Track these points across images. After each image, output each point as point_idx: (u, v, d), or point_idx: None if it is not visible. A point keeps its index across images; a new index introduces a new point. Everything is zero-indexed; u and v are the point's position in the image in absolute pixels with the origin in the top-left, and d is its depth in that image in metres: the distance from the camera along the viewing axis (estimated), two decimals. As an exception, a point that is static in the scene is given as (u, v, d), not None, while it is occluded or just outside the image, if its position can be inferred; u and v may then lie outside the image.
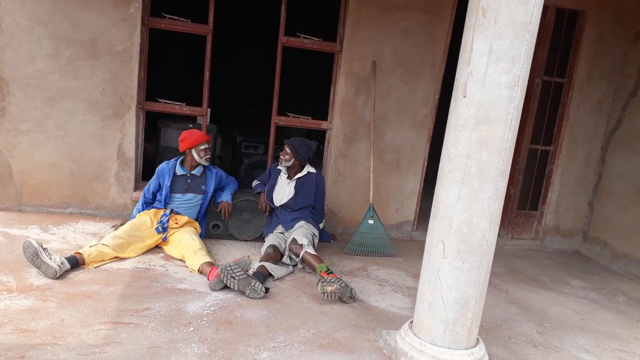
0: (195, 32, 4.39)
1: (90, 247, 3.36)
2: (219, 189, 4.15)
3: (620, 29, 4.92)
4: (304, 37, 4.52)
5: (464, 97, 2.35)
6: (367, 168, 4.64)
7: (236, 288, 3.11)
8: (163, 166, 3.97)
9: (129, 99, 4.23)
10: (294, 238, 3.72)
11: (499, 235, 3.50)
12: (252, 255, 3.90)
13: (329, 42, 4.58)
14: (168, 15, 4.29)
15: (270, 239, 3.85)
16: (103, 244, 3.41)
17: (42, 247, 3.08)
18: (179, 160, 4.01)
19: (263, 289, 3.15)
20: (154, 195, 3.96)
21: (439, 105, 4.72)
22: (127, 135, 4.29)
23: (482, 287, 2.50)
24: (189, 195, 3.94)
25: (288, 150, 4.02)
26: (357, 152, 4.70)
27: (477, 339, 2.65)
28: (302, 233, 3.78)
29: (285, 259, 3.74)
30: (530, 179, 5.18)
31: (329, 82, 4.69)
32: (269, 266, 3.47)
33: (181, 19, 4.30)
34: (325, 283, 3.19)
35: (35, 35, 4.01)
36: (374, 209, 4.39)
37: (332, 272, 3.42)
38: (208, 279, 3.26)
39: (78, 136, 4.22)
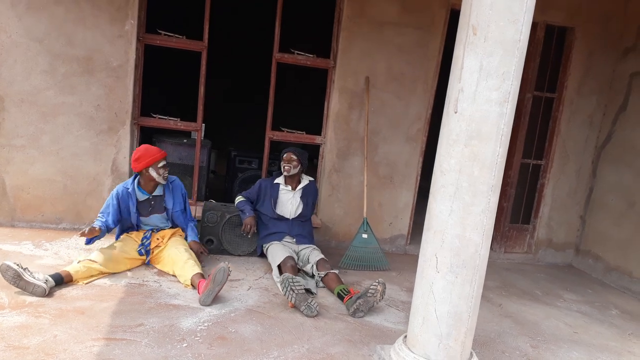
0: (190, 48, 4.43)
1: (77, 262, 3.32)
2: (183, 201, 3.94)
3: (609, 45, 5.01)
4: (297, 54, 4.58)
5: (456, 112, 2.38)
6: (360, 182, 4.67)
7: (293, 301, 3.19)
8: (121, 192, 3.66)
9: (123, 115, 4.25)
10: (321, 258, 3.83)
11: (491, 249, 3.52)
12: (247, 269, 3.89)
13: (322, 58, 4.63)
14: (163, 32, 4.33)
15: (280, 248, 3.84)
16: (90, 260, 3.36)
17: (22, 267, 2.98)
18: (135, 183, 3.72)
19: (317, 308, 3.22)
20: (116, 222, 3.69)
21: (432, 120, 4.77)
22: (121, 150, 4.30)
23: (475, 301, 2.51)
24: (154, 217, 3.81)
25: (294, 157, 4.04)
26: (351, 166, 4.73)
27: (471, 353, 2.65)
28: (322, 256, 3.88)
29: None
30: (523, 192, 5.22)
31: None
32: (305, 283, 3.46)
33: (176, 35, 4.34)
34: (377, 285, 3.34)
35: (31, 52, 4.03)
36: (367, 223, 4.40)
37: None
38: (198, 293, 3.24)
39: (72, 151, 4.23)
